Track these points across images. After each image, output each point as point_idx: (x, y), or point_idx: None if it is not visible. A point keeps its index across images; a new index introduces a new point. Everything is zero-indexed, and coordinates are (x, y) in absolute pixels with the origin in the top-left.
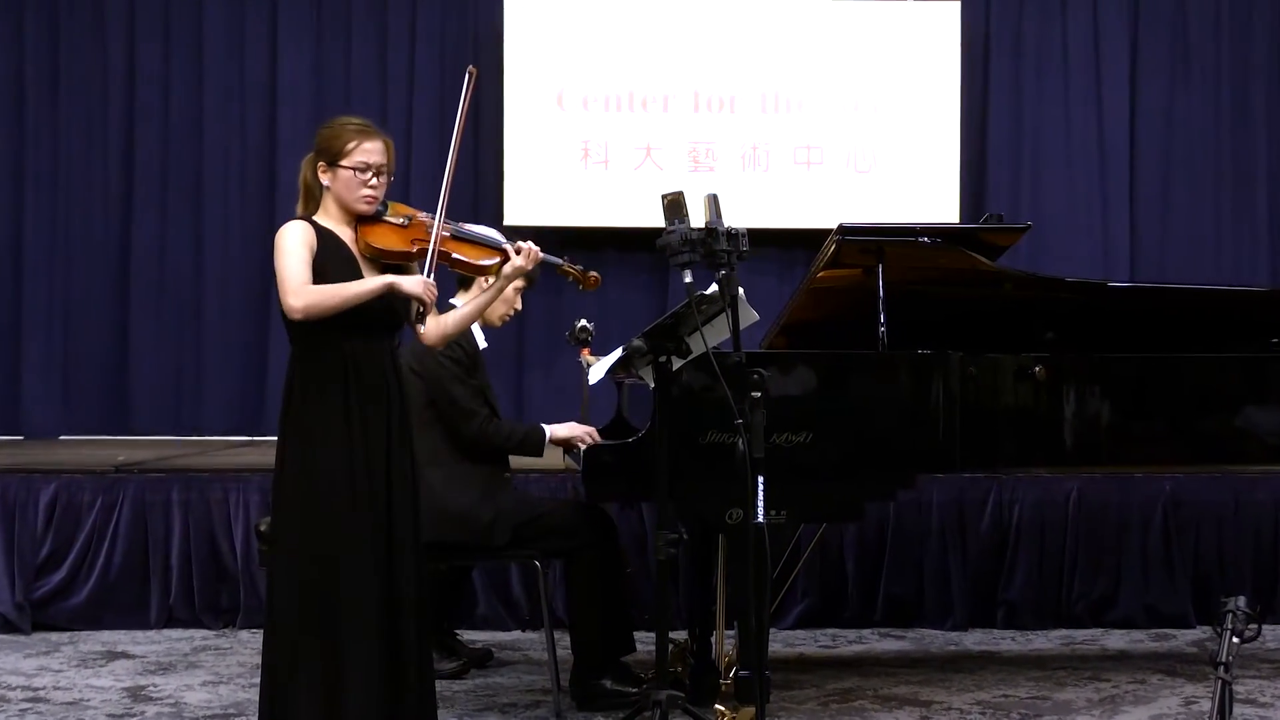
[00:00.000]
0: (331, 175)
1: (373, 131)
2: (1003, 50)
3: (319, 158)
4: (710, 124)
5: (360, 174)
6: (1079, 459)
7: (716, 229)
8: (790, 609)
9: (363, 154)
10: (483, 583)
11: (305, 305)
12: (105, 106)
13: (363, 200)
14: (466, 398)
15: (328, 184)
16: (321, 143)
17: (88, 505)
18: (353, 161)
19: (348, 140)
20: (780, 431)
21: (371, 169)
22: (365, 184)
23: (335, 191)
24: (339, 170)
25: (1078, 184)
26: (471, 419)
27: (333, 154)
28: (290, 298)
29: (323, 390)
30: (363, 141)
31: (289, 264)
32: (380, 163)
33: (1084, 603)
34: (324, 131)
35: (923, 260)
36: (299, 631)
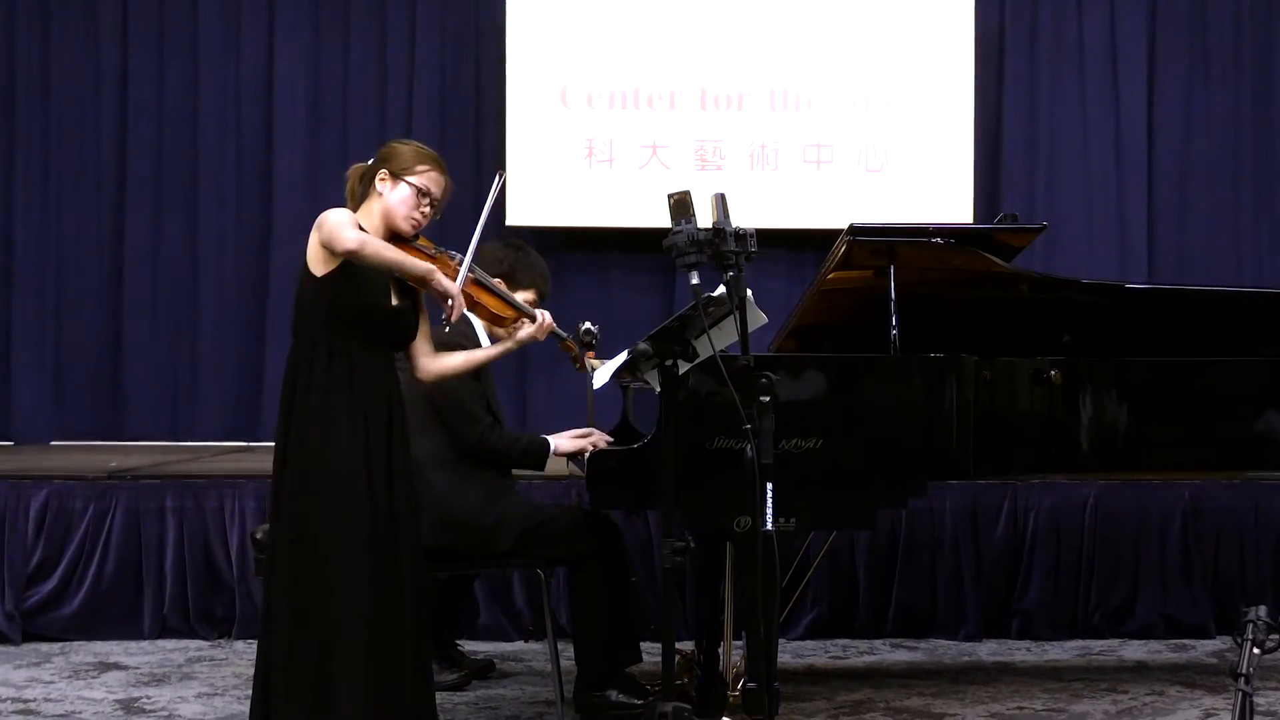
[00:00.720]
0: (392, 185)
1: (443, 167)
2: (1018, 46)
3: (385, 165)
4: (718, 122)
5: (420, 196)
6: (1096, 465)
7: (724, 229)
8: (800, 619)
9: (429, 180)
10: (485, 592)
11: (361, 242)
12: (97, 104)
13: (409, 220)
14: (470, 403)
15: (383, 192)
16: (391, 153)
17: (79, 513)
18: (419, 181)
19: (419, 161)
20: (789, 437)
21: (430, 197)
22: (419, 207)
23: (387, 202)
24: (402, 183)
25: (1094, 183)
26: (474, 425)
27: (401, 166)
28: (349, 231)
29: (328, 389)
30: (433, 170)
31: (343, 217)
32: (438, 196)
33: (1101, 612)
34: (397, 145)
35: (936, 261)
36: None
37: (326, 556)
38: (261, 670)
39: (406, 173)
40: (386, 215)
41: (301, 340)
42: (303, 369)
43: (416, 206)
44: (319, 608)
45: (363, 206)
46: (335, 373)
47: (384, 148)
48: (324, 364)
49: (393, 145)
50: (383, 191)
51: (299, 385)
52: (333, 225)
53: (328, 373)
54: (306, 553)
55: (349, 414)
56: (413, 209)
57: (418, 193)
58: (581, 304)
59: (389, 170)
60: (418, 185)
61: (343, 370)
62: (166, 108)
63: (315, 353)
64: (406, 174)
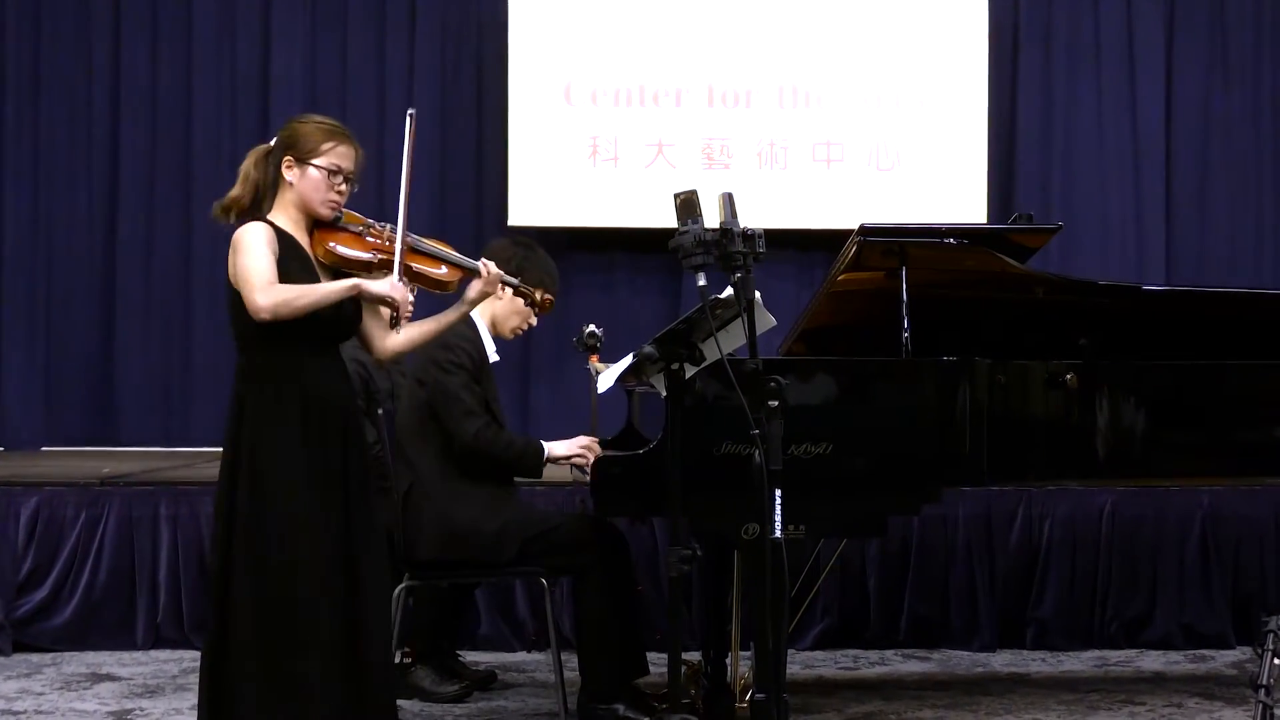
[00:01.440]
0: (299, 172)
1: (349, 137)
2: (1032, 42)
3: (287, 151)
4: (725, 119)
5: (331, 176)
6: (1113, 471)
7: (732, 230)
8: (809, 629)
9: (337, 156)
10: (486, 601)
11: (274, 304)
12: (88, 100)
13: (327, 204)
14: (467, 401)
15: (292, 180)
16: (292, 137)
17: (71, 520)
18: (326, 162)
19: (323, 140)
20: (799, 442)
21: (342, 174)
22: (334, 188)
23: (299, 190)
24: (309, 168)
25: (1111, 181)
26: (471, 420)
27: (305, 150)
28: (258, 295)
29: (278, 400)
30: (338, 144)
31: (254, 262)
32: (351, 170)
33: (1118, 622)
34: (297, 126)
35: (948, 262)
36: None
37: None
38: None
39: (312, 155)
40: (301, 203)
41: (247, 356)
42: (251, 383)
43: (331, 188)
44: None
45: (276, 200)
46: (284, 393)
47: (284, 130)
48: (272, 376)
49: (293, 126)
50: (292, 180)
51: (248, 401)
52: (244, 271)
53: (276, 384)
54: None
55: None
56: (328, 192)
57: (328, 174)
58: (585, 306)
59: (294, 156)
60: (326, 166)
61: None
62: (160, 104)
63: (262, 366)
64: (312, 157)
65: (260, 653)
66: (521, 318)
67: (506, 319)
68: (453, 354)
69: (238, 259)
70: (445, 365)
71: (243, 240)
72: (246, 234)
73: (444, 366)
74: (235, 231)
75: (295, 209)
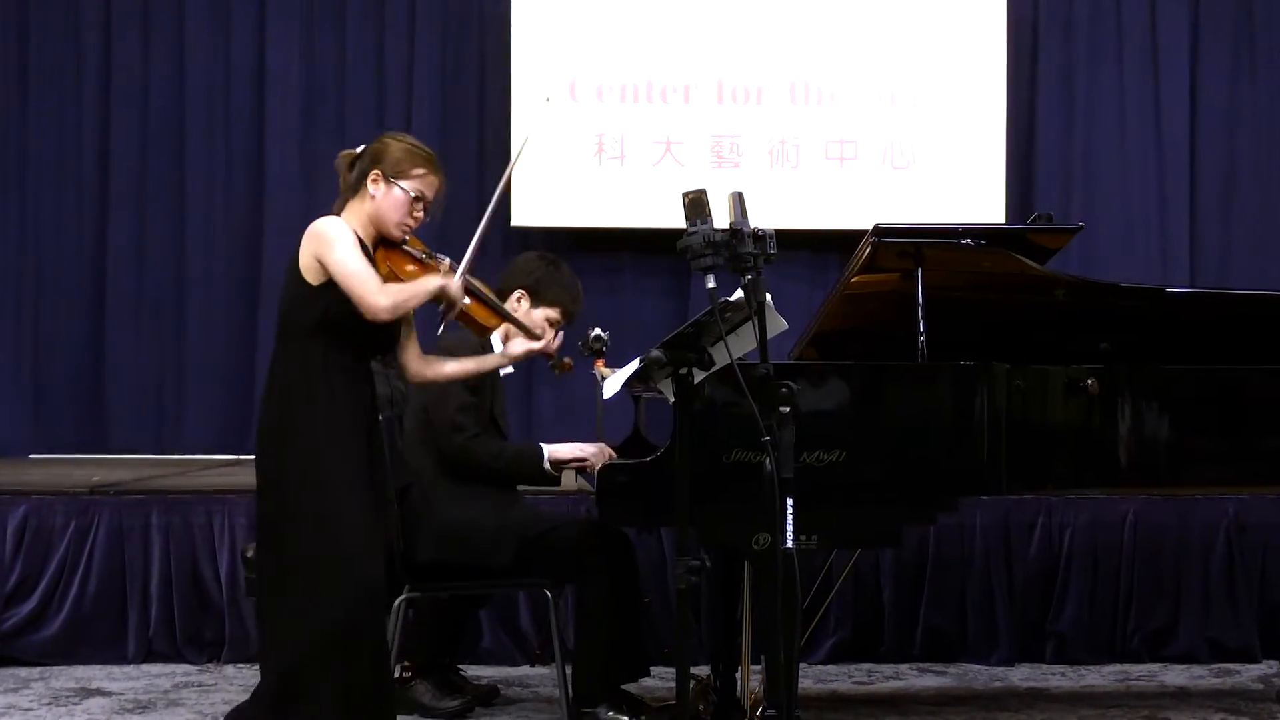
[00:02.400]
0: (385, 188)
1: (439, 167)
2: (1052, 37)
3: (377, 164)
4: (735, 116)
5: (415, 202)
6: (1135, 479)
7: (742, 230)
8: (822, 642)
9: (424, 184)
10: (489, 613)
11: (394, 304)
12: (78, 96)
13: (401, 227)
14: (454, 411)
15: (375, 194)
16: (387, 152)
17: (60, 529)
18: (412, 186)
19: (418, 165)
20: (811, 450)
21: (424, 201)
22: (413, 213)
23: (379, 206)
24: (395, 187)
25: (1133, 181)
26: (455, 434)
27: (395, 169)
28: (378, 296)
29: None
30: (431, 173)
31: (357, 262)
32: (431, 200)
33: (1140, 635)
34: (394, 143)
35: (965, 264)
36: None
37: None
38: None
39: (401, 176)
40: (377, 219)
41: (290, 347)
42: (294, 377)
43: (410, 213)
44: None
45: (351, 203)
46: (329, 382)
47: (377, 142)
48: (318, 373)
49: (386, 142)
50: (375, 194)
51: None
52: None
53: (322, 382)
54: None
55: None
56: (406, 215)
57: (411, 199)
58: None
59: (381, 172)
60: (411, 191)
61: (336, 379)
62: (151, 100)
63: (307, 361)
64: (400, 178)
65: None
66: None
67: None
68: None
69: (330, 253)
70: None
71: (333, 234)
72: (336, 228)
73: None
74: (318, 221)
75: (366, 221)
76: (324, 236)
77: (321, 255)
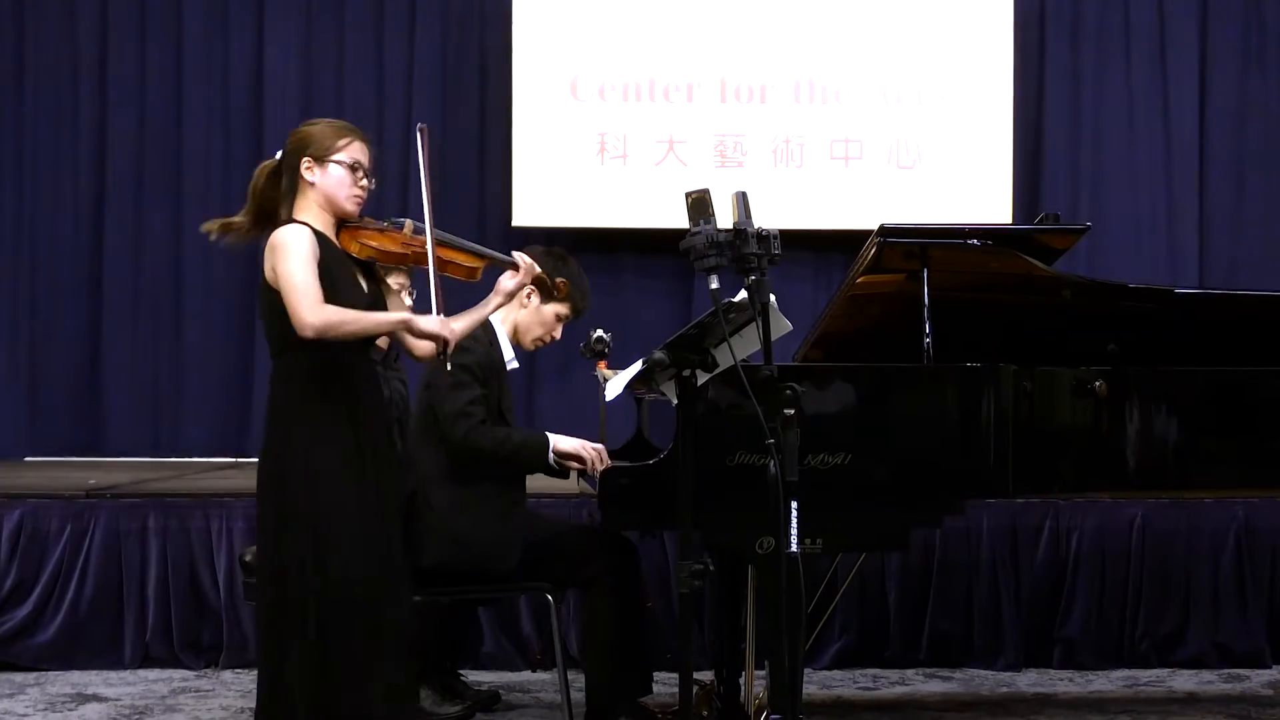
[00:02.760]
0: (321, 171)
1: (361, 133)
2: (1060, 34)
3: (304, 152)
4: (739, 115)
5: (353, 171)
6: (1144, 482)
7: (746, 230)
8: (827, 647)
9: (354, 151)
10: (490, 618)
11: (322, 324)
12: (74, 95)
13: (352, 199)
14: (460, 401)
15: (314, 181)
16: (305, 138)
17: (56, 533)
18: (345, 157)
19: (338, 137)
20: (816, 452)
21: (362, 169)
22: (356, 183)
23: (323, 189)
24: (330, 165)
25: (1142, 179)
26: (462, 421)
27: (322, 149)
28: (307, 312)
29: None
30: (353, 140)
31: (300, 274)
32: (368, 165)
33: (1149, 640)
34: (308, 128)
35: (972, 264)
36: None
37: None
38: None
39: (330, 153)
40: (326, 201)
41: (285, 359)
42: (294, 387)
43: (354, 183)
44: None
45: (298, 202)
46: (327, 392)
47: (294, 136)
48: (316, 379)
49: (303, 130)
50: (314, 180)
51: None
52: (292, 282)
53: (319, 393)
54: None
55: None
56: (351, 187)
57: (350, 169)
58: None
59: (312, 157)
60: (347, 162)
61: (332, 387)
62: (148, 98)
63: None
64: (331, 154)
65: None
66: (545, 329)
67: (529, 329)
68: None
69: (281, 264)
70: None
71: (286, 245)
72: (289, 237)
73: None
74: (276, 231)
75: (320, 209)
76: (277, 246)
77: (274, 266)
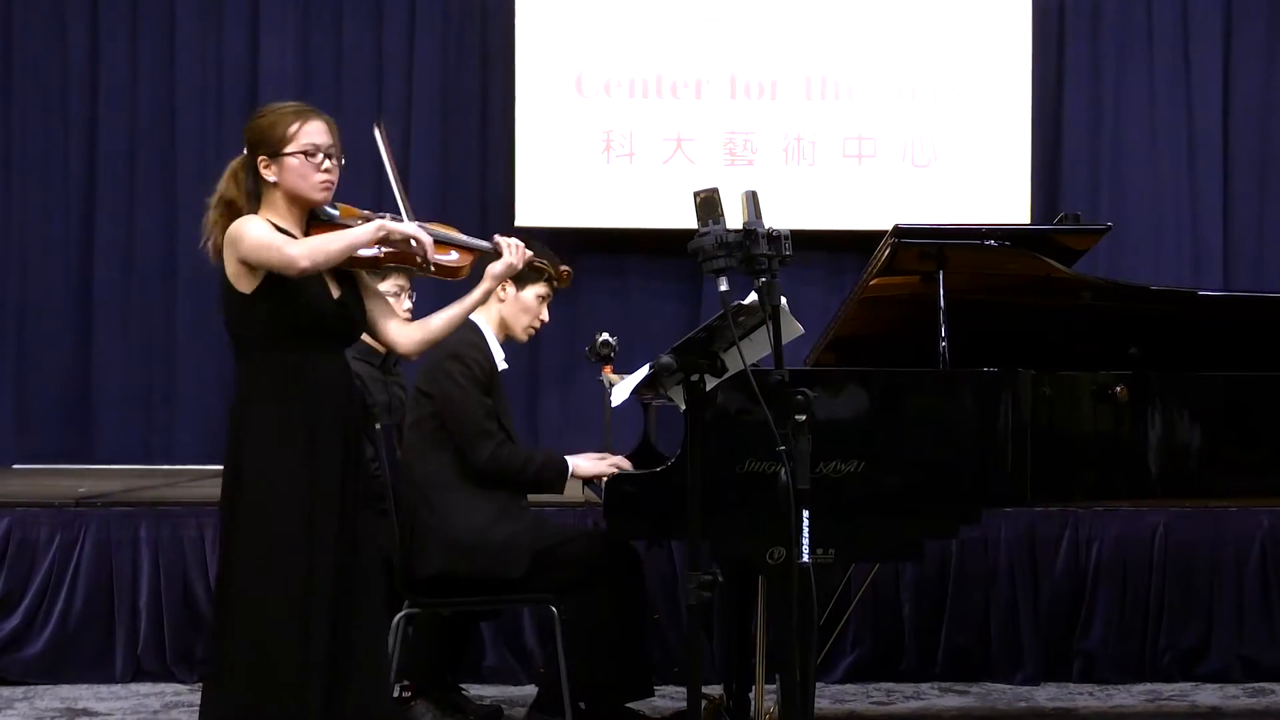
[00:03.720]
0: (278, 167)
1: (314, 111)
2: (1080, 27)
3: (258, 151)
4: (749, 112)
5: (311, 157)
6: (1166, 490)
7: (756, 231)
8: (839, 660)
9: (308, 135)
10: (492, 630)
11: (309, 251)
12: (63, 92)
13: (319, 187)
14: (480, 418)
15: (274, 179)
16: (255, 135)
17: (45, 543)
18: (299, 145)
19: (287, 125)
20: (828, 460)
21: (321, 150)
22: (318, 168)
23: (286, 185)
24: (285, 159)
25: (1164, 178)
26: (485, 441)
27: (274, 143)
28: (289, 249)
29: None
30: (304, 123)
31: (268, 233)
32: (329, 144)
33: (1171, 653)
34: (256, 123)
35: (989, 266)
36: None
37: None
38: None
39: (282, 144)
40: (291, 195)
41: (248, 365)
42: (253, 395)
43: (316, 169)
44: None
45: (264, 203)
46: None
47: (246, 132)
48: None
49: (251, 125)
50: (274, 179)
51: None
52: (259, 244)
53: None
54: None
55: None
56: (313, 174)
57: (305, 156)
58: (598, 313)
59: (265, 155)
60: (301, 149)
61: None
62: (140, 98)
63: (266, 375)
64: (283, 146)
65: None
66: (532, 315)
67: (516, 319)
68: (462, 364)
69: (244, 244)
70: (455, 377)
71: (243, 227)
72: (244, 222)
73: (454, 379)
74: (231, 226)
75: (287, 204)
76: (233, 236)
77: (239, 253)
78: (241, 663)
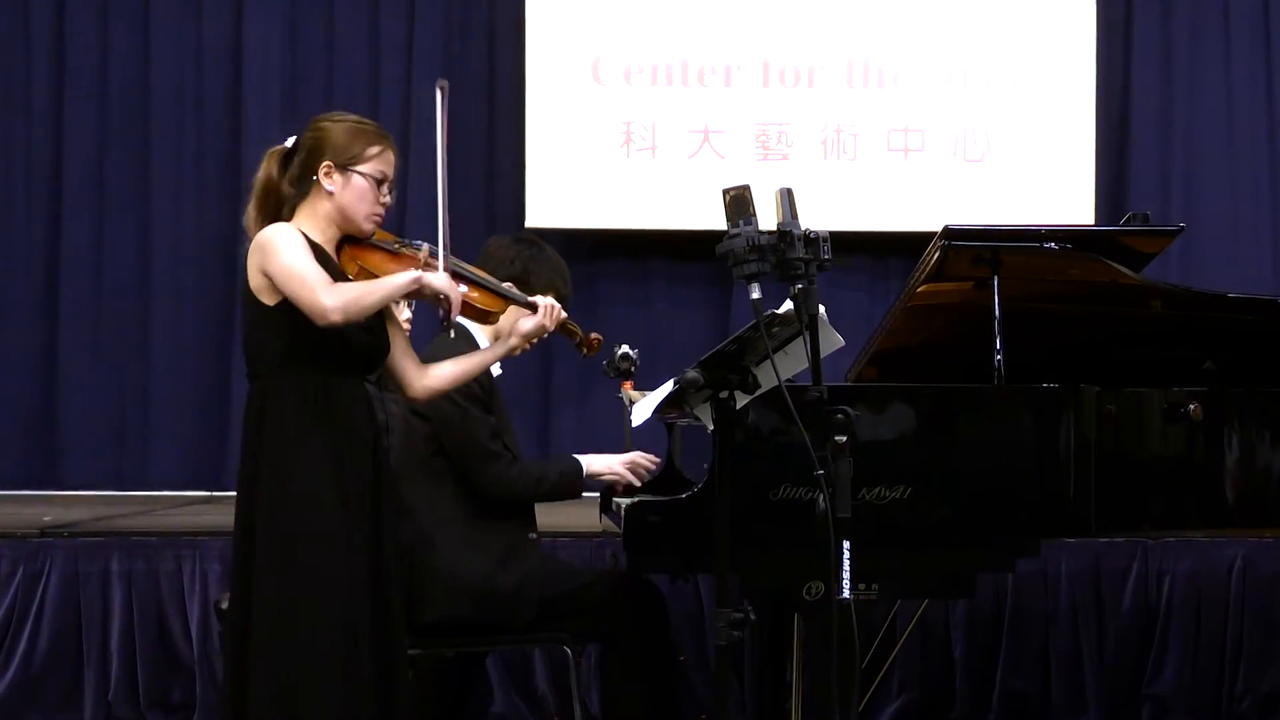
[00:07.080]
0: (342, 180)
1: (391, 140)
2: (1149, 9)
3: (324, 154)
4: (783, 101)
5: (379, 185)
6: (1244, 519)
7: (791, 232)
8: (884, 706)
9: (384, 163)
10: (500, 671)
11: (344, 303)
12: (26, 79)
13: (371, 218)
14: (482, 437)
15: (332, 190)
16: (330, 138)
17: (6, 577)
18: (372, 169)
19: (369, 142)
20: (871, 485)
21: (387, 181)
22: (379, 199)
23: (341, 202)
24: (354, 176)
25: (1241, 176)
26: (491, 464)
27: (350, 155)
28: (323, 295)
29: (303, 435)
30: (385, 149)
31: (302, 262)
32: (393, 179)
33: (1250, 698)
34: (334, 125)
35: (1049, 271)
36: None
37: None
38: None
39: (356, 161)
40: (342, 216)
41: (263, 382)
42: (270, 415)
43: (376, 200)
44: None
45: (303, 209)
46: (310, 415)
47: (314, 131)
48: (295, 407)
49: (325, 127)
50: (333, 189)
51: (266, 435)
52: (292, 273)
53: (301, 417)
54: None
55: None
56: (374, 203)
57: (375, 183)
58: (617, 322)
59: (333, 163)
60: (373, 174)
61: (320, 411)
62: (111, 83)
63: (283, 396)
64: (356, 163)
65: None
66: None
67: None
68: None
69: (275, 261)
70: (453, 396)
71: (277, 241)
72: (280, 234)
73: (451, 398)
74: (261, 231)
75: (328, 221)
76: (265, 245)
77: (266, 267)
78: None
